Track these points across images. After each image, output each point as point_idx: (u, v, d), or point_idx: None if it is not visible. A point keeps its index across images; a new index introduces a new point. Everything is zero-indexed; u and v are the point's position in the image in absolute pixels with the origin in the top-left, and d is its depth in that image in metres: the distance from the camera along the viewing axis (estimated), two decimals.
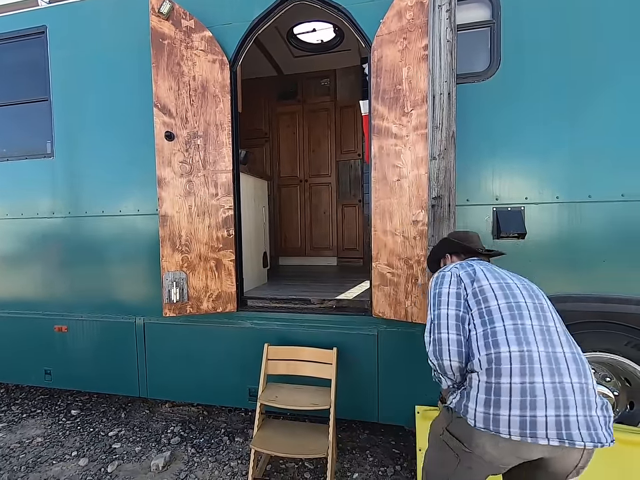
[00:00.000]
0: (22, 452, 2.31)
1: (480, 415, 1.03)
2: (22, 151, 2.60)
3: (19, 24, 2.54)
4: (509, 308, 1.13)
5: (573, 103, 1.82)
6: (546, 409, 0.98)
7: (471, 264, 1.29)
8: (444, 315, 1.18)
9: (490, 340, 1.08)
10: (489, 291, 1.18)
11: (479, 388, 1.06)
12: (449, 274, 1.27)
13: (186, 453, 2.25)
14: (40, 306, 2.63)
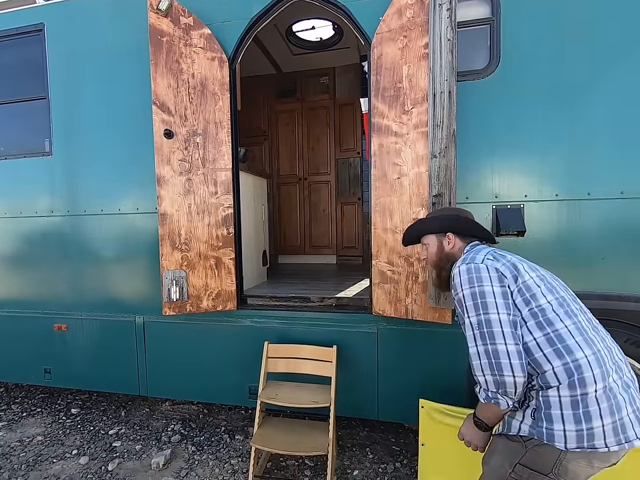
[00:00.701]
0: (22, 450, 2.31)
1: (572, 434, 0.91)
2: (20, 150, 2.59)
3: (17, 21, 2.52)
4: (559, 305, 1.02)
5: (571, 100, 1.83)
6: (625, 407, 0.92)
7: (502, 254, 1.14)
8: (496, 321, 0.99)
9: (559, 346, 0.96)
10: (534, 286, 1.04)
11: (561, 405, 0.93)
12: (484, 267, 1.06)
13: (186, 451, 2.26)
14: (39, 305, 2.63)
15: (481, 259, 1.10)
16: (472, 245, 1.27)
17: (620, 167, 1.79)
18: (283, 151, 4.15)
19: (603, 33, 1.78)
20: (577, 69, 1.81)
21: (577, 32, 1.80)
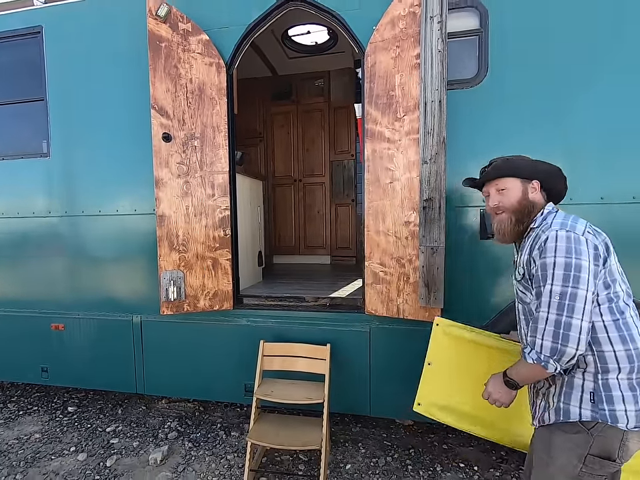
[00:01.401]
0: (20, 448, 2.34)
1: (632, 414, 0.98)
2: (18, 151, 2.61)
3: (15, 23, 2.54)
4: (628, 296, 1.07)
5: (557, 107, 1.91)
6: None
7: (597, 230, 1.10)
8: (582, 297, 0.98)
9: (625, 333, 1.01)
10: (616, 272, 1.06)
11: (621, 387, 0.99)
12: (584, 240, 1.02)
13: (183, 447, 2.31)
14: (36, 304, 2.65)
15: (582, 231, 1.04)
16: (553, 207, 1.19)
17: (600, 173, 1.88)
18: (278, 152, 4.20)
19: (585, 40, 1.87)
20: (562, 77, 1.89)
21: (562, 41, 1.89)
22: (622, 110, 1.85)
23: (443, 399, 1.67)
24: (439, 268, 1.95)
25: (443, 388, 1.67)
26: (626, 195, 1.86)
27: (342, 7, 2.12)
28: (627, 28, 1.83)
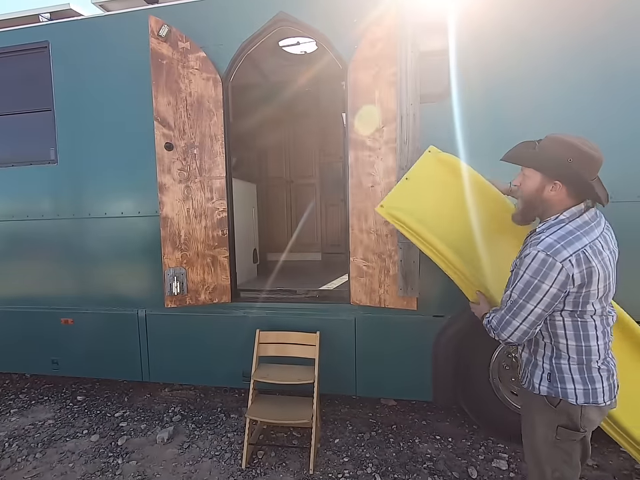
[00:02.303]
0: (36, 432, 2.55)
1: (580, 392, 1.17)
2: (28, 158, 2.80)
3: (23, 39, 2.72)
4: (599, 315, 1.18)
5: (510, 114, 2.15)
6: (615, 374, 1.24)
7: (597, 251, 1.11)
8: (528, 310, 1.16)
9: (581, 333, 1.18)
10: (593, 296, 1.14)
11: (571, 371, 1.18)
12: (559, 267, 1.08)
13: (187, 428, 2.54)
14: (47, 301, 2.85)
15: (563, 257, 1.08)
16: (571, 213, 1.17)
17: None
18: (272, 156, 4.41)
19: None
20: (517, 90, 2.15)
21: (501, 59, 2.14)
22: None
23: (411, 206, 1.81)
24: (414, 262, 2.20)
25: (415, 202, 1.80)
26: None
27: (327, 27, 2.34)
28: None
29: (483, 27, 2.15)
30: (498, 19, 2.13)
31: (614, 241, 1.24)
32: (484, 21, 2.14)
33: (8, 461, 2.25)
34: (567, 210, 1.18)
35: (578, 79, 2.08)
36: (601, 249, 1.14)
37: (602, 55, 2.05)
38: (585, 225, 1.15)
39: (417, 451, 2.27)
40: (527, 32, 2.11)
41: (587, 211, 1.18)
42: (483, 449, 2.27)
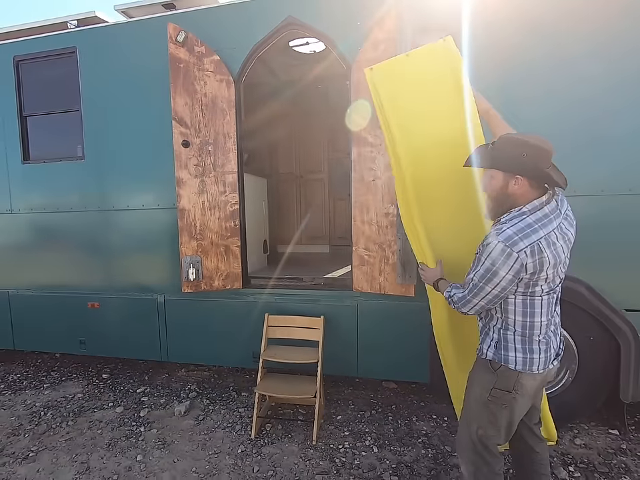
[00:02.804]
0: (67, 404, 2.82)
1: (520, 359, 1.34)
2: (58, 155, 3.05)
3: (53, 44, 2.96)
4: (547, 293, 1.32)
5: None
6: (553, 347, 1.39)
7: (550, 242, 1.24)
8: (486, 292, 1.30)
9: (528, 310, 1.33)
10: (541, 280, 1.28)
11: (515, 341, 1.35)
12: (514, 257, 1.21)
13: (202, 403, 2.77)
14: (75, 286, 3.11)
15: (519, 248, 1.21)
16: (533, 206, 1.28)
17: None
18: (282, 152, 4.59)
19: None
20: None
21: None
22: None
23: (397, 88, 1.68)
24: (412, 251, 2.34)
25: (403, 86, 1.68)
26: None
27: (333, 31, 2.49)
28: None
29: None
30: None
31: (573, 229, 1.36)
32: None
33: (44, 427, 2.52)
34: (529, 203, 1.29)
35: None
36: (555, 240, 1.27)
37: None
38: (544, 218, 1.27)
39: (414, 427, 2.43)
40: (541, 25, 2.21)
41: (548, 203, 1.30)
42: None
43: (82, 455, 2.21)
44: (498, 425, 1.39)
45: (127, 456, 2.20)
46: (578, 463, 2.06)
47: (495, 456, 1.43)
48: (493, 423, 1.39)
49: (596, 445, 2.21)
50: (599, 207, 2.20)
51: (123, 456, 2.20)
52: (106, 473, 2.06)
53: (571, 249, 1.35)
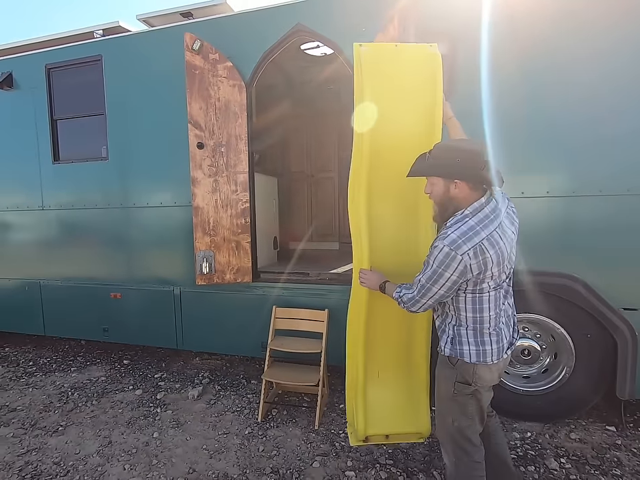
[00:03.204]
0: (92, 385, 3.06)
1: (473, 352, 1.42)
2: (84, 155, 3.29)
3: (81, 53, 3.18)
4: (494, 289, 1.40)
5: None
6: (505, 339, 1.46)
7: (493, 242, 1.31)
8: (433, 292, 1.39)
9: (477, 307, 1.42)
10: (487, 278, 1.36)
11: (467, 336, 1.44)
12: (459, 259, 1.29)
13: (214, 389, 2.95)
14: (100, 278, 3.35)
15: (463, 251, 1.29)
16: (474, 209, 1.36)
17: (545, 171, 2.30)
18: (294, 151, 4.73)
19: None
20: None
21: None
22: None
23: (378, 82, 1.73)
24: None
25: (384, 80, 1.74)
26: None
27: (339, 37, 2.60)
28: None
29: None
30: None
31: (514, 227, 1.44)
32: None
33: (72, 405, 2.76)
34: (470, 206, 1.37)
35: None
36: (498, 239, 1.34)
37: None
38: (486, 219, 1.35)
39: None
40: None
41: (487, 204, 1.38)
42: None
43: (105, 431, 2.43)
44: (469, 414, 1.47)
45: (145, 433, 2.40)
46: (570, 456, 2.12)
47: (474, 445, 1.50)
48: (464, 413, 1.47)
49: (591, 440, 2.26)
50: (599, 207, 2.24)
51: (141, 433, 2.40)
52: (126, 446, 2.27)
53: (513, 245, 1.42)
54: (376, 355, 1.93)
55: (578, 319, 2.31)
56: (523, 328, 2.50)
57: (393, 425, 1.93)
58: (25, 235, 3.58)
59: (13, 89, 3.41)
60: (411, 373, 1.96)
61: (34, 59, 3.33)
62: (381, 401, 1.95)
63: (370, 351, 1.90)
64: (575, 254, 2.31)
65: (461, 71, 2.34)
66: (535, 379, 2.50)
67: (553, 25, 2.21)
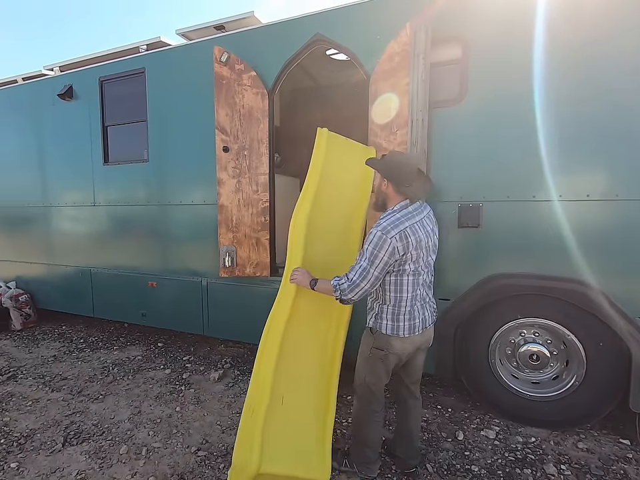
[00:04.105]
0: (129, 363, 3.44)
1: (389, 326, 1.80)
2: (129, 158, 3.68)
3: (128, 66, 3.57)
4: (415, 271, 1.76)
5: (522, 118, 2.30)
6: (418, 318, 1.82)
7: (414, 230, 1.67)
8: (369, 273, 1.71)
9: (398, 288, 1.78)
10: (407, 259, 1.71)
11: (387, 312, 1.80)
12: (389, 242, 1.62)
13: (233, 373, 3.20)
14: (139, 267, 3.74)
15: (391, 235, 1.63)
16: (401, 206, 1.76)
17: (557, 174, 2.26)
18: None
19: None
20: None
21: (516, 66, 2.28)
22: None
23: (334, 155, 2.37)
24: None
25: (337, 157, 2.37)
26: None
27: (355, 45, 2.71)
28: None
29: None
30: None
31: (433, 226, 1.84)
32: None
33: (111, 378, 3.14)
34: (398, 204, 1.78)
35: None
36: (417, 229, 1.71)
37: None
38: (408, 214, 1.74)
39: None
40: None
41: (411, 205, 1.77)
42: (478, 420, 2.51)
43: (136, 402, 2.76)
44: (377, 374, 1.85)
45: (169, 406, 2.69)
46: (572, 464, 2.09)
47: (376, 398, 1.90)
48: (373, 372, 1.85)
49: (599, 451, 2.20)
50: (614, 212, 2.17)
51: (166, 406, 2.69)
52: (152, 416, 2.57)
53: (435, 242, 1.83)
54: (286, 373, 1.90)
55: (590, 326, 2.26)
56: (534, 333, 2.47)
57: (291, 465, 1.73)
58: (79, 228, 4.07)
59: (73, 99, 3.90)
60: (318, 407, 2.02)
61: (90, 73, 3.78)
62: (281, 433, 1.77)
63: (280, 364, 1.87)
64: (592, 261, 2.24)
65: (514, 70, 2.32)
66: (545, 385, 2.47)
67: (608, 29, 2.15)
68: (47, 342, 4.04)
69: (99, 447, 2.25)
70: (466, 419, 2.53)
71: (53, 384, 3.05)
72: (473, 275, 2.49)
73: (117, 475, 2.02)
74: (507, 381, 2.51)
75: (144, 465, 2.09)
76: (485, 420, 2.51)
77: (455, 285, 2.54)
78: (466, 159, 2.45)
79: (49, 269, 4.34)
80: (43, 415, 2.60)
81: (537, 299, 2.37)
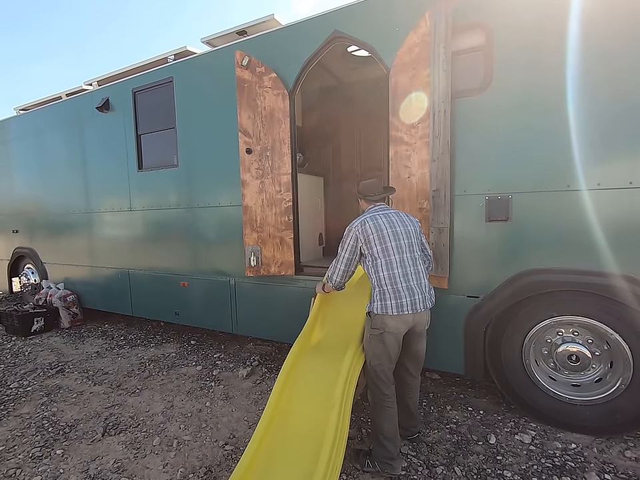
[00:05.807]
0: (164, 359, 3.60)
1: (378, 306, 1.98)
2: (161, 164, 3.86)
3: (157, 76, 3.74)
4: (383, 253, 2.00)
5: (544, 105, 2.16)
6: (405, 297, 1.96)
7: (375, 220, 2.02)
8: (343, 257, 2.11)
9: (381, 272, 2.01)
10: (372, 243, 2.00)
11: (378, 295, 2.00)
12: (354, 230, 2.03)
13: (261, 371, 3.26)
14: (172, 268, 3.90)
15: (355, 225, 2.05)
16: (369, 210, 2.14)
17: (592, 163, 2.10)
18: (344, 151, 4.86)
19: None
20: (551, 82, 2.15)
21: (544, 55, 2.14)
22: None
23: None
24: (444, 245, 2.43)
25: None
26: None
27: (373, 39, 2.68)
28: None
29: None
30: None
31: (400, 217, 2.08)
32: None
33: (147, 373, 3.30)
34: (367, 210, 2.16)
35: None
36: (377, 218, 2.03)
37: None
38: (373, 212, 2.10)
39: (445, 415, 2.51)
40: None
41: (375, 207, 2.14)
42: (512, 423, 2.39)
43: (169, 396, 2.88)
44: (378, 355, 1.99)
45: (200, 401, 2.78)
46: (618, 473, 1.93)
47: (383, 381, 1.99)
48: (375, 354, 2.00)
49: None
50: None
51: (196, 401, 2.79)
52: (184, 410, 2.67)
53: (407, 229, 2.04)
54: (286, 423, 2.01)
55: (637, 325, 2.07)
56: (572, 332, 2.31)
57: None
58: (118, 232, 4.32)
59: (109, 111, 4.15)
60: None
61: (124, 85, 4.01)
62: None
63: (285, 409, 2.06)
64: (631, 252, 2.07)
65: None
66: (587, 387, 2.30)
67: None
68: (91, 339, 4.32)
69: (134, 437, 2.38)
70: (499, 422, 2.42)
71: (95, 378, 3.26)
72: (503, 272, 2.37)
73: (149, 465, 2.12)
74: (543, 383, 2.37)
75: (174, 456, 2.18)
76: (519, 423, 2.38)
77: (484, 282, 2.44)
78: (492, 149, 2.34)
79: (92, 270, 4.64)
80: (85, 406, 2.78)
81: (574, 295, 2.21)
